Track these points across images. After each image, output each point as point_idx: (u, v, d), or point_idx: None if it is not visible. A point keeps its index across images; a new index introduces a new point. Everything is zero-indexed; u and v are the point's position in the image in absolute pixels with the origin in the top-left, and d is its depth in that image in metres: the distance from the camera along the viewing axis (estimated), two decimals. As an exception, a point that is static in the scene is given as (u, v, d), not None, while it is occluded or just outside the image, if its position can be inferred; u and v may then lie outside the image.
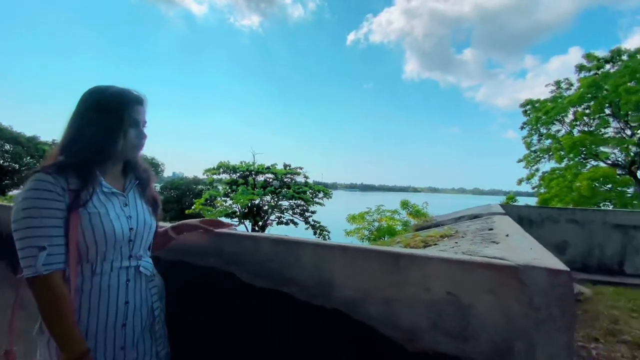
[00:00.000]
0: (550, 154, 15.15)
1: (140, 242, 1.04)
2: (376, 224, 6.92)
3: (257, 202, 20.42)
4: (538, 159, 16.01)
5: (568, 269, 0.80)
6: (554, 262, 0.85)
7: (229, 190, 20.64)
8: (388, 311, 0.94)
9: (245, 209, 20.27)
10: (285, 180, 21.71)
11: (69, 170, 0.92)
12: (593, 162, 14.20)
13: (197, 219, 1.27)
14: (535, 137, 16.24)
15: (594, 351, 3.07)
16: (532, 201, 15.48)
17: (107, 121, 0.97)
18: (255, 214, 21.04)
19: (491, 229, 1.72)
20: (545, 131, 15.73)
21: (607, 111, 13.87)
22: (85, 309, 0.92)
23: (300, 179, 22.23)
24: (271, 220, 21.28)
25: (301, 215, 21.83)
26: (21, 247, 0.86)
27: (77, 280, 0.91)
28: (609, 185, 12.42)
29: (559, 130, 15.34)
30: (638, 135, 13.71)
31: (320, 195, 22.37)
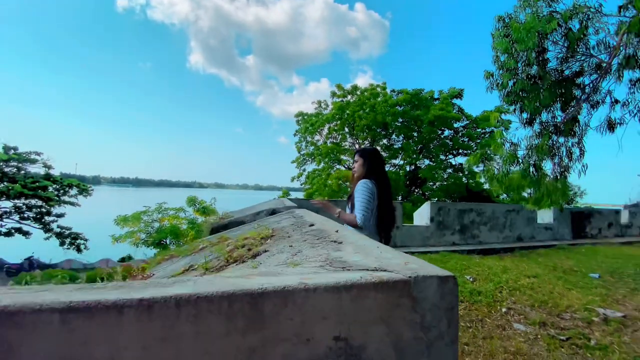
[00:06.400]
0: (313, 157, 18.88)
1: None
2: (156, 224, 5.79)
3: (-62, 204, 12.80)
4: (305, 161, 19.53)
5: (452, 274, 0.69)
6: (431, 267, 0.74)
7: None
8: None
9: None
10: (6, 170, 14.92)
11: None
12: (338, 166, 18.93)
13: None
14: (304, 143, 19.72)
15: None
16: (301, 195, 18.72)
17: None
18: None
19: (312, 225, 1.61)
20: (310, 139, 19.43)
21: (347, 129, 18.94)
22: None
23: (36, 169, 15.98)
24: (-27, 231, 14.08)
25: (38, 220, 15.77)
26: None
27: None
28: (347, 183, 16.99)
29: (319, 140, 19.37)
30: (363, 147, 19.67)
31: (73, 192, 17.01)
